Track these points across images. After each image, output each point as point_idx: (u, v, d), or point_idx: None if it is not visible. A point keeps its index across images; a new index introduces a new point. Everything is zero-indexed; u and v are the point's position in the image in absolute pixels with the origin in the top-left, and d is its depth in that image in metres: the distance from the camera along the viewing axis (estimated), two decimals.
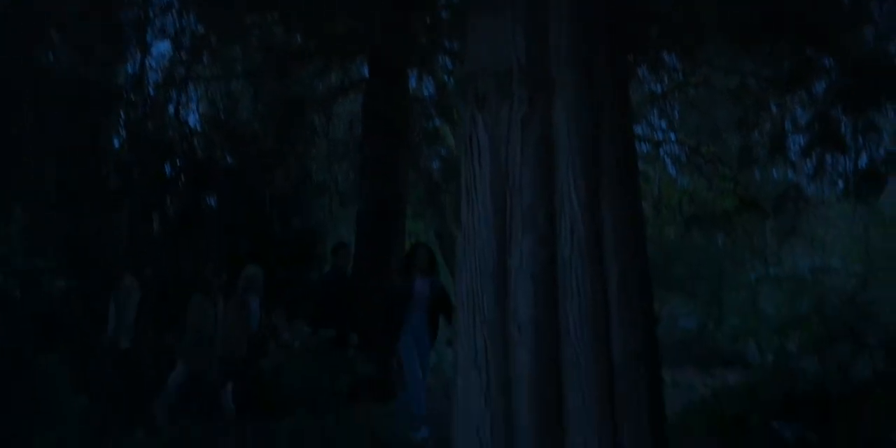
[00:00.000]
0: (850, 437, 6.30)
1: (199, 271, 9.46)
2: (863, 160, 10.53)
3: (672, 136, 17.19)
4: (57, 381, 6.47)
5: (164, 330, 9.66)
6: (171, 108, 12.67)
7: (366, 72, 12.06)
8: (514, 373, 3.14)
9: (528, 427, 3.07)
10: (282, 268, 10.23)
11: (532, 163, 3.26)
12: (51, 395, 6.34)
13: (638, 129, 18.19)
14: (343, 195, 14.11)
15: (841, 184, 10.87)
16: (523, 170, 3.26)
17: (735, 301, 21.71)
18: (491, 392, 3.16)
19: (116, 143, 12.05)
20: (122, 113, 11.75)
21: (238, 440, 7.82)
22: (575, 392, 3.10)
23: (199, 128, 13.38)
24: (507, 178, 3.28)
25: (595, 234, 3.24)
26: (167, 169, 11.77)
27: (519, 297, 3.18)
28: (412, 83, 12.64)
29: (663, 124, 19.08)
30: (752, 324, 16.77)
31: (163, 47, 20.58)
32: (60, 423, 6.15)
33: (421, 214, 16.28)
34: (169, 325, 9.47)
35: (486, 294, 3.24)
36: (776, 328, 14.82)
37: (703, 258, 20.03)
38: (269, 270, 9.06)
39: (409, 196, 11.84)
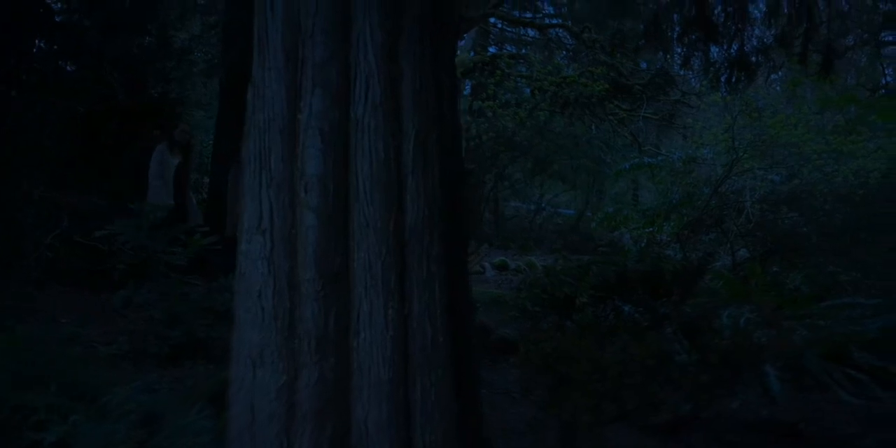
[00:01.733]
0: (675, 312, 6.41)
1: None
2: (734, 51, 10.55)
3: (557, 21, 17.02)
4: None
5: None
6: None
7: None
8: (300, 236, 2.94)
9: (312, 293, 2.90)
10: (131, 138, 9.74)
11: (326, 12, 2.99)
12: None
13: (528, 14, 18.01)
14: (207, 65, 13.55)
15: (712, 73, 10.84)
16: (316, 20, 2.99)
17: (614, 191, 22.10)
18: (274, 257, 2.97)
19: None
20: None
21: None
22: (362, 256, 2.93)
23: None
24: (299, 29, 3.02)
25: (391, 92, 3.02)
26: None
27: (307, 155, 2.96)
28: None
29: (551, 9, 18.89)
30: (628, 213, 17.06)
31: None
32: None
33: None
34: None
35: (274, 152, 3.01)
36: (649, 217, 15.17)
37: (586, 150, 20.14)
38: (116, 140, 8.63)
39: None
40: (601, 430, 4.97)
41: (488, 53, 17.09)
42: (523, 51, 19.28)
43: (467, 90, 18.35)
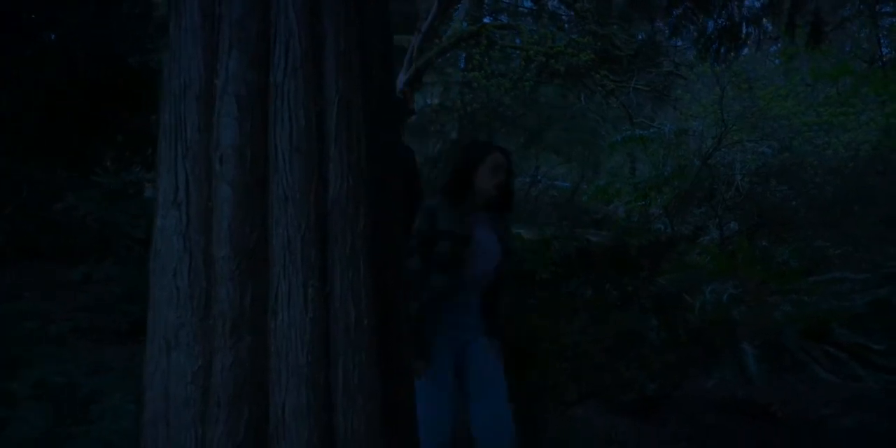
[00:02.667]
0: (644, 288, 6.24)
1: None
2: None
3: None
4: None
5: None
6: None
7: None
8: (215, 210, 2.74)
9: (227, 271, 2.70)
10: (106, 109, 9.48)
11: None
12: None
13: None
14: None
15: (701, 43, 10.62)
16: None
17: (610, 164, 21.90)
18: (190, 233, 2.76)
19: None
20: None
21: None
22: (281, 231, 2.73)
23: None
24: None
25: (314, 54, 2.80)
26: None
27: (223, 124, 2.75)
28: None
29: None
30: (621, 186, 16.91)
31: None
32: None
33: None
34: None
35: (189, 120, 2.79)
36: (641, 190, 15.01)
37: (580, 122, 19.95)
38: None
39: None
40: (566, 410, 4.83)
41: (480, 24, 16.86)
42: (518, 22, 19.03)
43: (462, 63, 18.14)
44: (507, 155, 4.10)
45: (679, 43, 14.22)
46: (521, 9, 20.42)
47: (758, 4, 10.80)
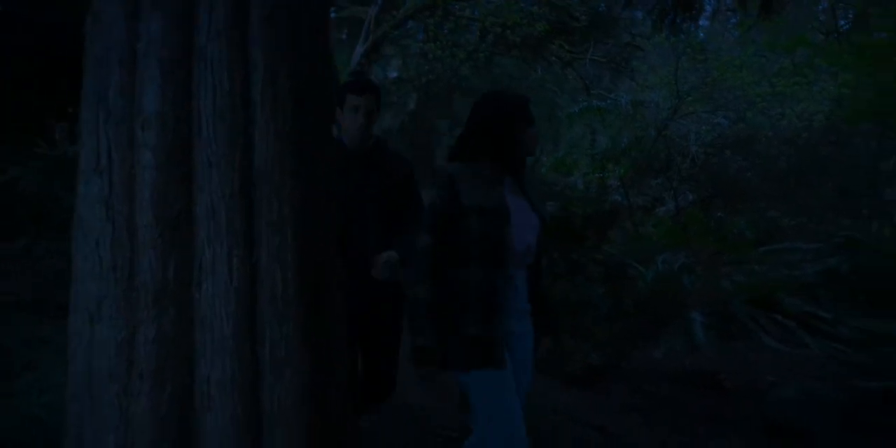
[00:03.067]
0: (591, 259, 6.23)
1: None
2: None
3: None
4: None
5: None
6: None
7: None
8: (138, 177, 2.65)
9: (150, 240, 2.63)
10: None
11: None
12: None
13: None
14: None
15: (656, 13, 10.56)
16: None
17: (570, 135, 21.88)
18: (113, 201, 2.68)
19: None
20: None
21: None
22: (205, 198, 2.66)
23: None
24: None
25: (238, 17, 2.72)
26: None
27: (145, 89, 2.66)
28: None
29: None
30: (579, 157, 16.91)
31: None
32: None
33: None
34: None
35: (112, 85, 2.70)
36: (599, 162, 15.01)
37: (538, 93, 19.88)
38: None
39: None
40: None
41: None
42: None
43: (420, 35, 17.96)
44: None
45: (638, 14, 14.16)
46: None
47: None
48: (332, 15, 15.88)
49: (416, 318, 3.15)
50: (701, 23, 12.88)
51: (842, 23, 18.60)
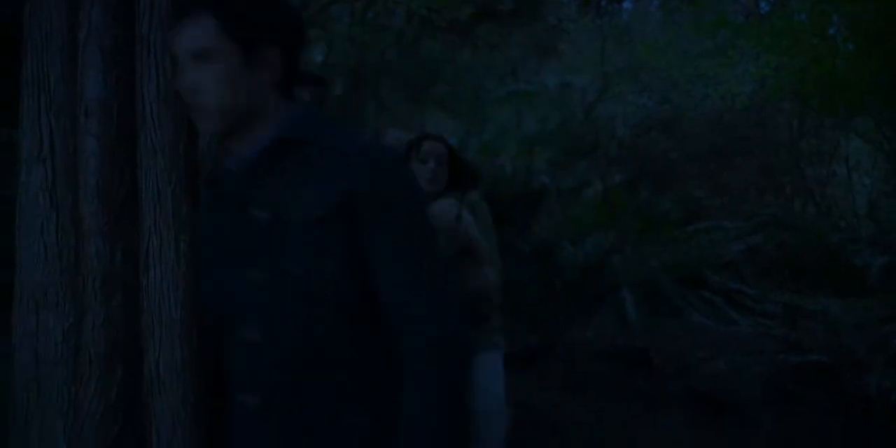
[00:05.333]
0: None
1: None
2: None
3: None
4: None
5: None
6: None
7: None
8: (82, 165, 2.66)
9: (96, 227, 2.64)
10: None
11: None
12: None
13: None
14: None
15: None
16: None
17: (497, 119, 22.00)
18: (56, 189, 2.69)
19: None
20: None
21: None
22: (151, 185, 2.68)
23: None
24: None
25: (181, 7, 2.73)
26: None
27: (87, 76, 2.66)
28: None
29: None
30: (507, 140, 16.99)
31: None
32: None
33: None
34: None
35: (53, 73, 2.71)
36: (526, 145, 15.13)
37: (465, 77, 19.94)
38: None
39: None
40: None
41: None
42: None
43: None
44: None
45: None
46: None
47: None
48: None
49: None
50: (625, 5, 13.03)
51: (762, 5, 19.03)
